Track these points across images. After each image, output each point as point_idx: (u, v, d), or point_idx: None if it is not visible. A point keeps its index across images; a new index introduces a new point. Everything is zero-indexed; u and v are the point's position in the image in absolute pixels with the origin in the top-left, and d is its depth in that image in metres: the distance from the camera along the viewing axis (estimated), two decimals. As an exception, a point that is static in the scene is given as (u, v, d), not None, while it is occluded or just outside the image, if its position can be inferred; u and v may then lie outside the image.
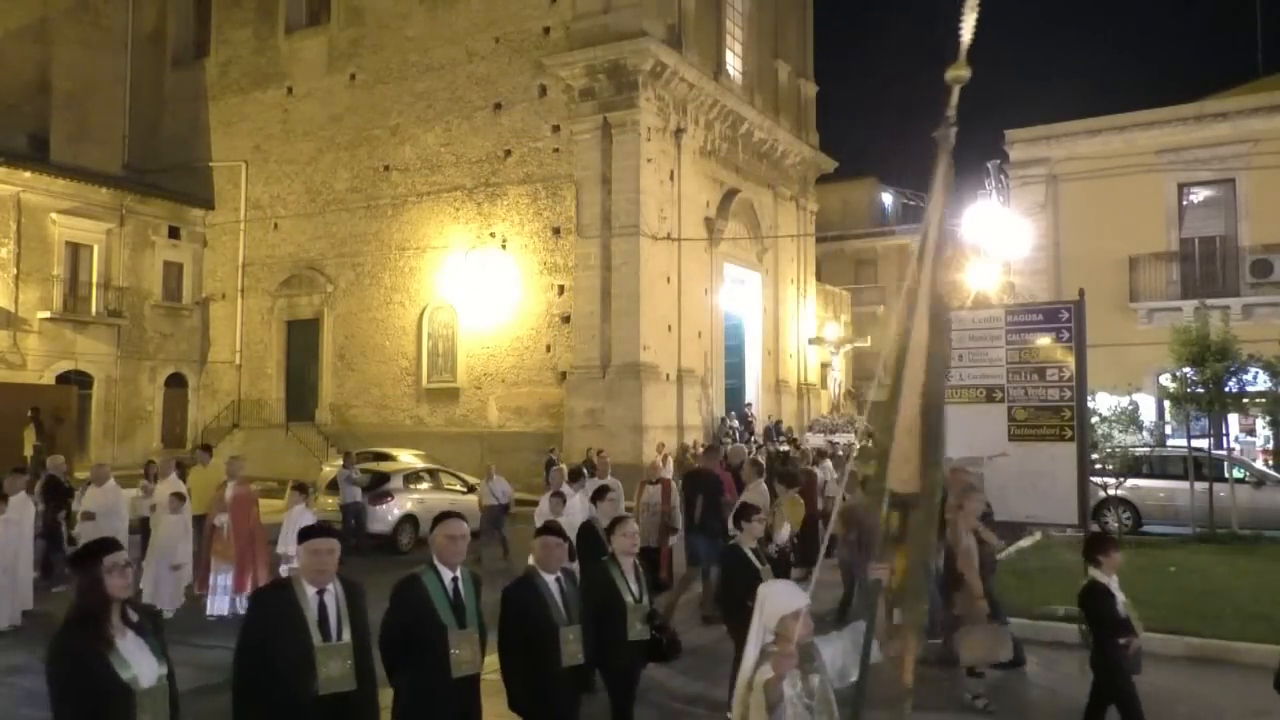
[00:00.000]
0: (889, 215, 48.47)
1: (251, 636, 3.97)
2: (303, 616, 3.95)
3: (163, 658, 3.53)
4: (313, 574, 4.05)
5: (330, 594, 4.05)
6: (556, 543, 4.91)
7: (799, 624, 3.41)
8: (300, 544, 4.12)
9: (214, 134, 32.84)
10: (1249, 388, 16.01)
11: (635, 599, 5.30)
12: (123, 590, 3.47)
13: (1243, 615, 9.43)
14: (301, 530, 4.25)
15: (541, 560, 4.85)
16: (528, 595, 4.74)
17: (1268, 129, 19.77)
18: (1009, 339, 9.54)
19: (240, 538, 10.60)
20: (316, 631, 3.95)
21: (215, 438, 30.72)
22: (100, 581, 3.42)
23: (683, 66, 26.01)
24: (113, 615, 3.44)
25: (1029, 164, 21.78)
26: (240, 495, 10.89)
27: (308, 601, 4.00)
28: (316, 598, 4.02)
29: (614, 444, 22.77)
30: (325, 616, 3.99)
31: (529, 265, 26.33)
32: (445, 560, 4.46)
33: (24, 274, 27.24)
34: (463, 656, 4.29)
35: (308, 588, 4.03)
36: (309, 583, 4.04)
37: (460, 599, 4.41)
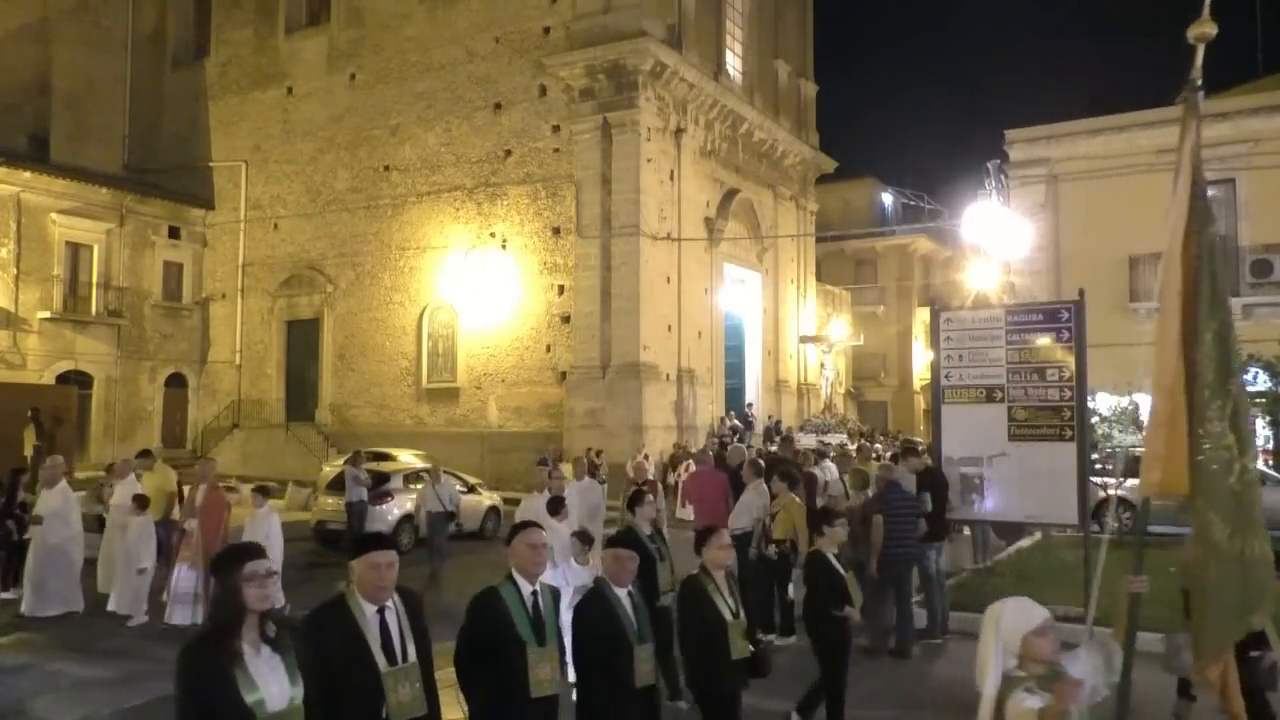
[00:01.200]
0: (889, 215, 48.50)
1: (311, 666, 3.52)
2: (364, 639, 3.60)
3: (297, 678, 3.23)
4: (372, 590, 3.66)
5: (391, 611, 3.71)
6: (629, 555, 4.59)
7: (1048, 641, 3.13)
8: (356, 557, 3.73)
9: (214, 134, 32.85)
10: (1249, 388, 16.00)
11: (734, 614, 4.97)
12: (262, 601, 3.18)
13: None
14: (358, 540, 3.90)
15: (613, 573, 4.54)
16: (599, 611, 4.42)
17: (1268, 129, 19.76)
18: (1009, 339, 9.54)
19: (209, 543, 10.09)
20: (381, 655, 3.60)
21: (215, 438, 30.81)
22: (238, 591, 3.14)
23: (683, 66, 26.02)
24: (247, 629, 3.16)
25: (1029, 164, 21.77)
26: (211, 499, 10.47)
27: (367, 621, 3.64)
28: (377, 616, 3.66)
29: (614, 444, 22.80)
30: (388, 636, 3.65)
31: (529, 265, 26.33)
32: (526, 572, 4.17)
33: (24, 274, 27.24)
34: (542, 676, 4.01)
35: (365, 605, 3.66)
36: (366, 600, 3.67)
37: (540, 614, 4.12)
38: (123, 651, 9.17)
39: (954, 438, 9.84)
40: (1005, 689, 3.07)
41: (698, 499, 11.71)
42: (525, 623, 4.04)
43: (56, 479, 10.72)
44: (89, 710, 7.41)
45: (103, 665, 8.64)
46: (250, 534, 9.98)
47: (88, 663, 8.72)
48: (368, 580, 3.66)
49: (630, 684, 4.28)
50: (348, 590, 3.72)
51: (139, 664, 8.61)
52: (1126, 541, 14.68)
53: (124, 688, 7.97)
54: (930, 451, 10.74)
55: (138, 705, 7.53)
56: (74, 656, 8.95)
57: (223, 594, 3.18)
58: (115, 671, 8.47)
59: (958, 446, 9.80)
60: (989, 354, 9.63)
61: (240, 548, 3.37)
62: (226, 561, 3.25)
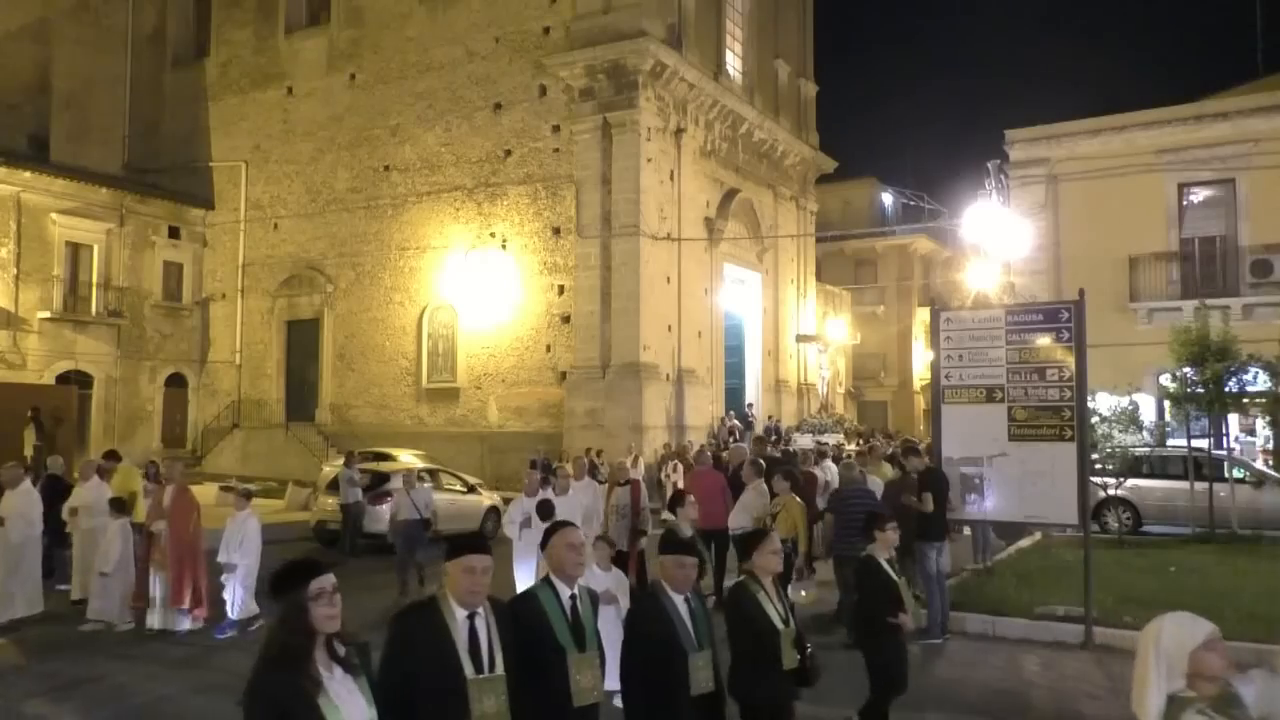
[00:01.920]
0: (889, 215, 48.49)
1: (393, 668, 3.38)
2: (452, 644, 3.44)
3: (371, 700, 3.05)
4: (465, 594, 3.50)
5: (481, 618, 3.53)
6: (690, 561, 4.39)
7: (1218, 655, 2.89)
8: (450, 559, 3.55)
9: (214, 134, 32.85)
10: (1249, 388, 16.01)
11: (784, 622, 4.76)
12: (330, 622, 2.97)
13: (1243, 615, 9.43)
14: (453, 543, 3.66)
15: (670, 578, 4.36)
16: (653, 617, 4.24)
17: (1268, 129, 19.77)
18: (1009, 339, 9.52)
19: (177, 546, 9.77)
20: (468, 662, 3.43)
21: (215, 438, 30.82)
22: (305, 610, 2.93)
23: (683, 66, 26.02)
24: (319, 650, 2.96)
25: (1029, 164, 21.77)
26: (181, 500, 10.08)
27: (457, 626, 3.47)
28: (467, 622, 3.50)
29: (614, 444, 22.77)
30: (476, 644, 3.48)
31: (529, 265, 26.33)
32: (565, 574, 4.02)
33: (24, 274, 27.24)
34: (584, 683, 3.85)
35: (456, 609, 3.50)
36: (458, 604, 3.50)
37: (579, 619, 3.97)
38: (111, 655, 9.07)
39: (954, 438, 9.83)
40: (1172, 711, 2.90)
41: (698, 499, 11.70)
42: (565, 628, 3.90)
43: (19, 479, 10.47)
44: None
45: (87, 667, 8.55)
46: (229, 537, 9.81)
47: (76, 667, 8.64)
48: (461, 584, 3.51)
49: (685, 693, 4.12)
50: (440, 593, 3.58)
51: (129, 670, 8.53)
52: (1127, 541, 14.74)
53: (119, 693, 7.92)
54: (930, 451, 10.74)
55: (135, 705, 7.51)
56: (63, 660, 8.93)
57: (288, 615, 2.94)
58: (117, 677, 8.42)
59: (958, 446, 9.78)
60: (989, 354, 9.62)
61: (304, 564, 3.10)
62: (290, 579, 3.00)
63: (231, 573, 9.71)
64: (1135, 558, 13.06)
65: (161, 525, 9.90)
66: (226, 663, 8.49)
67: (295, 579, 2.99)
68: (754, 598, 4.74)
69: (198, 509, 10.36)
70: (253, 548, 9.86)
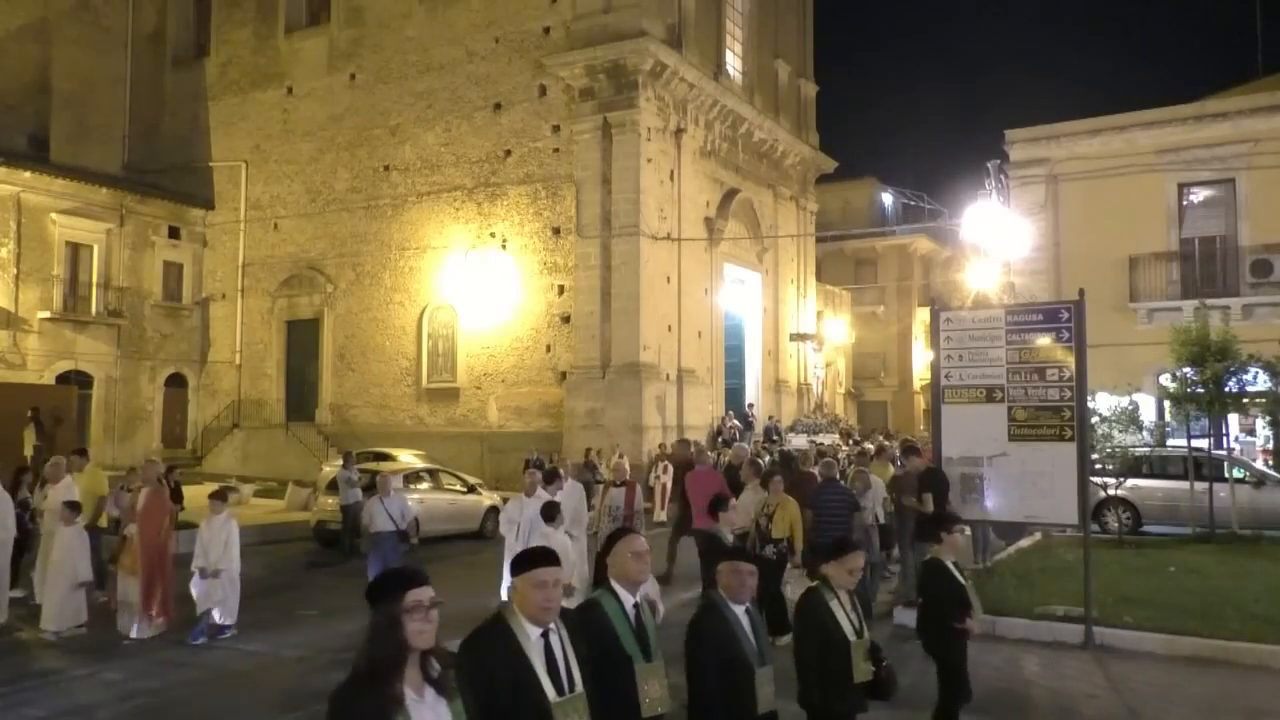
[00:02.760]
0: (889, 215, 48.51)
1: (468, 700, 3.06)
2: (530, 666, 3.23)
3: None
4: (537, 611, 3.28)
5: (554, 634, 3.34)
6: (749, 570, 4.23)
7: None
8: (518, 574, 3.36)
9: (214, 134, 32.86)
10: (1249, 388, 16.00)
11: (858, 633, 4.58)
12: (425, 638, 2.76)
13: (1243, 615, 9.44)
14: (520, 557, 3.46)
15: (730, 588, 4.17)
16: (716, 630, 4.05)
17: (1268, 129, 19.77)
18: (1009, 339, 9.52)
19: (147, 550, 9.40)
20: (548, 683, 3.23)
21: (215, 438, 30.81)
22: (399, 625, 2.71)
23: (683, 66, 26.02)
24: (410, 668, 2.75)
25: (1029, 164, 21.77)
26: (153, 502, 9.69)
27: (532, 645, 3.27)
28: (541, 641, 3.29)
29: (613, 444, 22.74)
30: (554, 662, 3.29)
31: (529, 265, 26.33)
32: (628, 581, 3.82)
33: (24, 274, 27.24)
34: (652, 693, 3.67)
35: (529, 628, 3.29)
36: (531, 622, 3.29)
37: (643, 627, 3.81)
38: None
39: (954, 438, 9.83)
40: None
41: (695, 499, 11.71)
42: (630, 637, 3.73)
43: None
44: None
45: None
46: (206, 540, 9.46)
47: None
48: (533, 600, 3.28)
49: (753, 710, 3.96)
50: (508, 611, 3.35)
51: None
52: (1127, 541, 14.74)
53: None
54: (930, 451, 10.74)
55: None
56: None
57: (381, 628, 2.73)
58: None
59: (958, 446, 9.78)
60: (989, 354, 9.61)
61: (400, 573, 2.90)
62: (385, 589, 2.79)
63: (213, 578, 9.33)
64: (1135, 558, 13.06)
65: (133, 528, 9.61)
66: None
67: (390, 589, 2.78)
68: (827, 606, 4.57)
69: (170, 513, 10.03)
70: (233, 553, 9.57)
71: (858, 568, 4.71)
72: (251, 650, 9.22)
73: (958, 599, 5.82)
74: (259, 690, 8.03)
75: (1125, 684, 7.81)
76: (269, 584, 13.02)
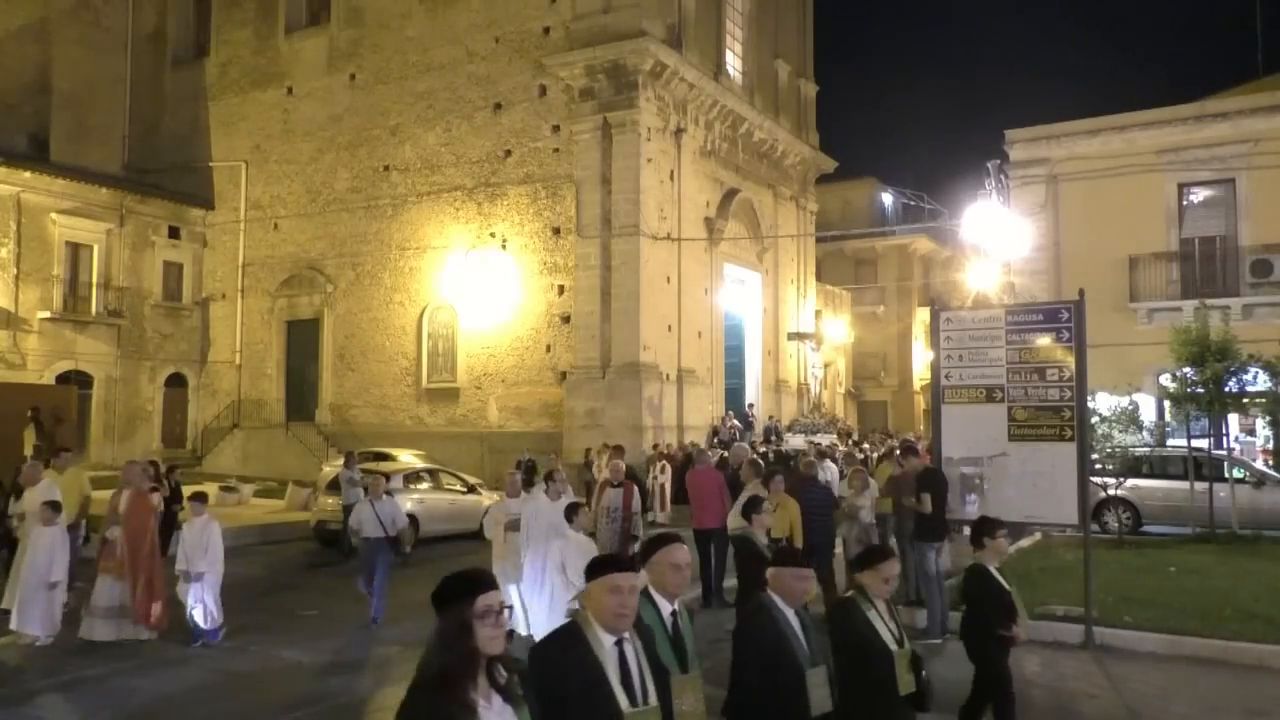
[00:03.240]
0: (889, 215, 48.49)
1: (547, 704, 3.01)
2: (604, 675, 3.13)
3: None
4: (612, 619, 3.18)
5: (629, 643, 3.24)
6: (805, 573, 4.13)
7: None
8: (593, 578, 3.25)
9: (214, 134, 32.85)
10: (1249, 388, 16.00)
11: (898, 643, 4.44)
12: (495, 643, 2.69)
13: (1243, 615, 9.44)
14: (596, 561, 3.36)
15: (787, 591, 4.09)
16: (766, 632, 3.97)
17: (1268, 129, 19.78)
18: (1009, 339, 9.52)
19: (134, 553, 9.21)
20: (622, 695, 3.13)
21: (215, 438, 30.81)
22: (470, 630, 2.64)
23: (683, 66, 26.02)
24: (480, 675, 2.67)
25: (1029, 164, 21.78)
26: (137, 504, 9.50)
27: (606, 654, 3.16)
28: (615, 650, 3.19)
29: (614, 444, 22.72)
30: (628, 672, 3.19)
31: (529, 265, 26.33)
32: (666, 590, 3.72)
33: (24, 274, 27.24)
34: (685, 706, 3.58)
35: (603, 636, 3.18)
36: (605, 630, 3.18)
37: (680, 637, 3.71)
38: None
39: (954, 438, 9.83)
40: None
41: (695, 498, 11.71)
42: (667, 646, 3.63)
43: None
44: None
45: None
46: (188, 543, 9.29)
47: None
48: (608, 607, 3.17)
49: (805, 712, 3.87)
50: (581, 617, 3.26)
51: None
52: (1127, 541, 14.74)
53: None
54: (930, 451, 10.73)
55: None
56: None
57: (451, 633, 2.65)
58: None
59: (958, 446, 9.79)
60: (989, 354, 9.62)
61: (470, 576, 2.80)
62: (455, 592, 2.71)
63: (196, 581, 9.16)
64: (1135, 558, 13.06)
65: (116, 530, 9.32)
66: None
67: (460, 593, 2.70)
68: (864, 616, 4.42)
69: (155, 513, 9.87)
70: (216, 556, 9.39)
71: (893, 576, 4.59)
72: (252, 650, 9.23)
73: (1002, 605, 5.72)
74: (259, 690, 8.04)
75: (1125, 684, 7.81)
76: (269, 584, 13.03)
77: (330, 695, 7.81)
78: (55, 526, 9.28)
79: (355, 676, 8.43)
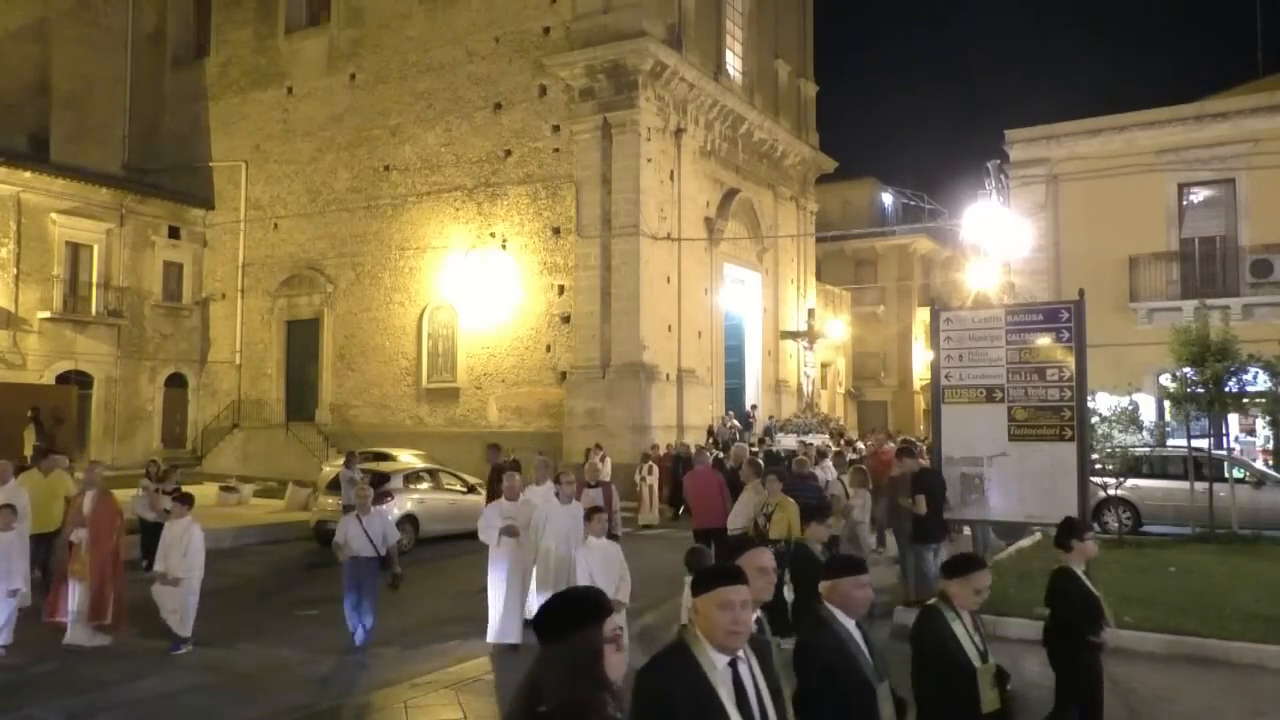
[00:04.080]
0: (889, 215, 48.47)
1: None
2: (718, 700, 2.85)
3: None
4: (724, 637, 2.89)
5: (743, 661, 2.97)
6: (865, 580, 3.88)
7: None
8: (700, 593, 2.96)
9: (214, 134, 32.86)
10: (1249, 388, 15.99)
11: (982, 658, 4.17)
12: (620, 671, 2.46)
13: (1243, 615, 9.43)
14: (703, 574, 3.07)
15: (849, 601, 3.85)
16: (831, 647, 3.72)
17: (1268, 129, 19.77)
18: (1009, 339, 9.53)
19: (98, 557, 9.00)
20: (737, 718, 2.87)
21: (215, 438, 30.81)
22: (600, 657, 2.38)
23: (683, 66, 26.02)
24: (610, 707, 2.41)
25: (1029, 164, 21.78)
26: (102, 507, 9.27)
27: (719, 676, 2.88)
28: (729, 670, 2.91)
29: (614, 444, 22.76)
30: (744, 695, 2.92)
31: (529, 265, 26.33)
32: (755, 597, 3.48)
33: (24, 274, 27.24)
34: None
35: (715, 656, 2.89)
36: (716, 649, 2.89)
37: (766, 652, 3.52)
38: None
39: (954, 438, 9.83)
40: None
41: (695, 499, 11.72)
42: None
43: None
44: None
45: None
46: (166, 546, 9.01)
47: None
48: (719, 623, 2.88)
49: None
50: (688, 635, 2.95)
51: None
52: (1127, 541, 14.74)
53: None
54: (930, 451, 10.74)
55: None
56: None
57: (581, 663, 2.37)
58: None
59: (958, 446, 9.79)
60: (989, 354, 9.62)
61: (593, 599, 2.51)
62: (580, 617, 2.43)
63: (173, 585, 8.87)
64: (1135, 558, 13.06)
65: (82, 534, 9.10)
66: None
67: (586, 617, 2.41)
68: (949, 628, 4.16)
69: (121, 517, 9.61)
70: (196, 560, 9.05)
71: (985, 587, 4.31)
72: (252, 651, 9.22)
73: (1091, 611, 5.47)
74: (259, 691, 8.03)
75: (1125, 684, 7.80)
76: (269, 584, 13.04)
77: (330, 696, 7.81)
78: (11, 531, 8.93)
79: (355, 677, 8.43)
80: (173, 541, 9.04)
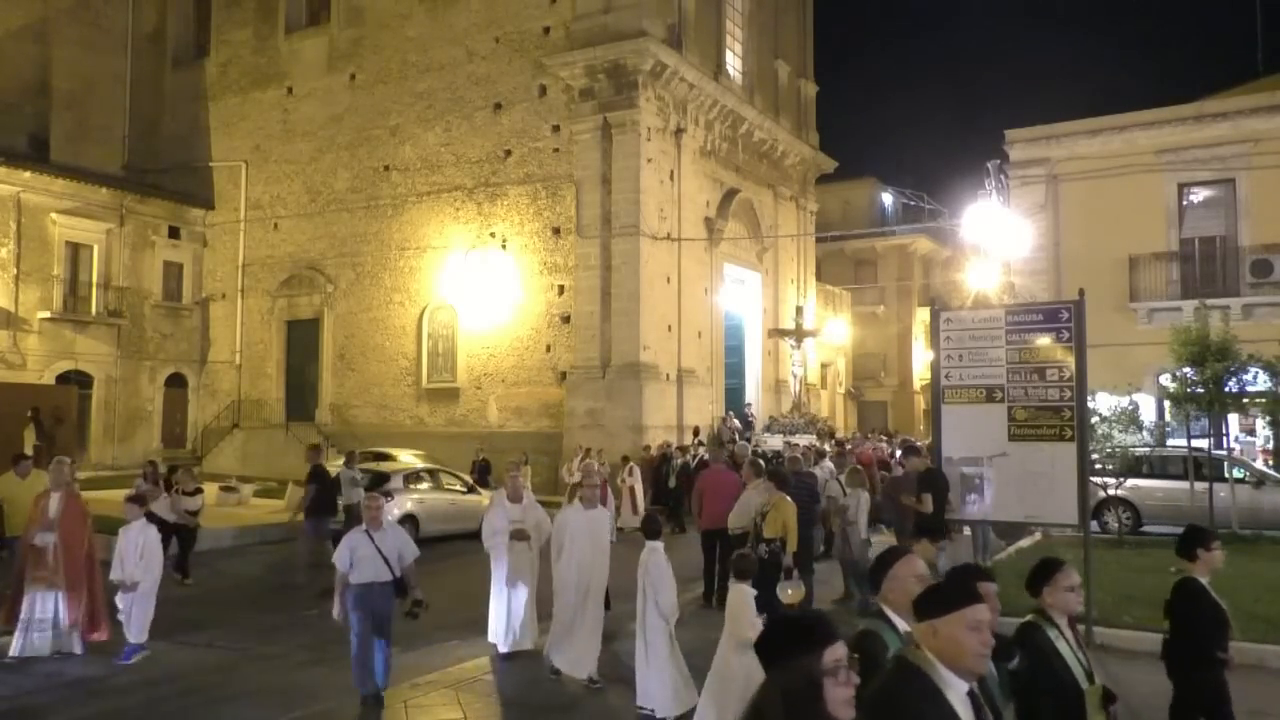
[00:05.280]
0: (889, 215, 48.49)
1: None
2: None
3: None
4: (973, 660, 2.59)
5: (975, 687, 2.72)
6: (993, 589, 3.56)
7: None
8: (942, 613, 2.60)
9: (214, 134, 32.85)
10: (1249, 388, 16.00)
11: (1089, 677, 3.83)
12: (848, 708, 2.21)
13: (1243, 615, 9.42)
14: (943, 593, 2.74)
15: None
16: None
17: (1268, 129, 19.77)
18: (1009, 339, 9.53)
19: (73, 562, 8.62)
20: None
21: (215, 438, 30.80)
22: (820, 691, 2.17)
23: (683, 66, 26.01)
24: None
25: (1029, 164, 21.78)
26: (71, 509, 8.83)
27: (961, 704, 2.56)
28: (968, 700, 2.60)
29: (614, 444, 22.76)
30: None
31: (529, 265, 26.33)
32: (898, 608, 3.31)
33: (24, 274, 27.24)
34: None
35: (955, 682, 2.56)
36: (958, 674, 2.56)
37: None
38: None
39: (954, 438, 9.83)
40: None
41: (709, 498, 11.65)
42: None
43: None
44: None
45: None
46: (121, 549, 8.61)
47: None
48: (969, 646, 2.53)
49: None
50: (921, 658, 2.59)
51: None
52: (1127, 541, 14.74)
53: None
54: (930, 451, 10.73)
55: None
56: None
57: (798, 695, 2.16)
58: None
59: (958, 446, 9.78)
60: (989, 354, 9.62)
61: (811, 625, 2.28)
62: (795, 643, 2.22)
63: (130, 590, 8.55)
64: (1135, 558, 13.06)
65: (50, 538, 8.59)
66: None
67: (802, 644, 2.20)
68: (1054, 646, 3.83)
69: (90, 517, 9.16)
70: (153, 563, 8.77)
71: (1076, 584, 4.02)
72: (252, 651, 9.22)
73: (1218, 624, 5.10)
74: (260, 691, 8.03)
75: (1125, 684, 7.80)
76: (269, 584, 13.03)
77: (329, 696, 7.80)
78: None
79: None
80: (127, 544, 8.65)
